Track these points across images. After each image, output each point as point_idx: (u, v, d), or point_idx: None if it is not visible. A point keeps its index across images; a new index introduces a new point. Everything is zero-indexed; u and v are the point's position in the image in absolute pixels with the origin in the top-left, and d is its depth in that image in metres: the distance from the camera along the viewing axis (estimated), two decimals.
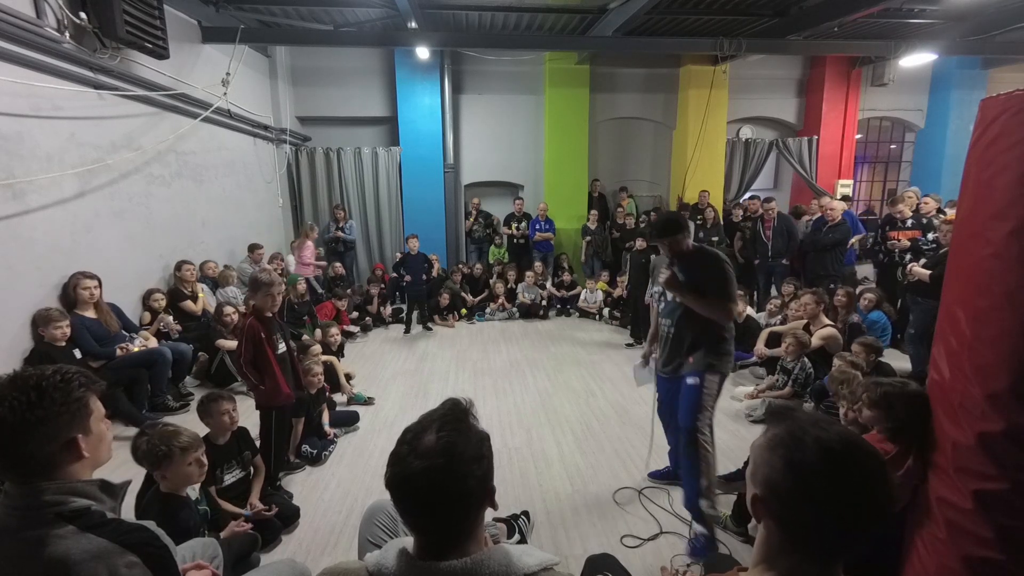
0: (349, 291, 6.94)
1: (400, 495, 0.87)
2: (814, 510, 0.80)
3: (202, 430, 2.49)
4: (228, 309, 4.77)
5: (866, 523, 0.79)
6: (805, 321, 4.48)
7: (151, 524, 1.19)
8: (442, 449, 0.85)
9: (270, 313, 2.97)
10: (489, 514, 0.96)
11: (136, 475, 3.09)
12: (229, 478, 2.63)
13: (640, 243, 5.86)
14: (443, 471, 0.84)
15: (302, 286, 6.04)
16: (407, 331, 6.55)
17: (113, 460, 3.44)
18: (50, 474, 1.07)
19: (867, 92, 9.04)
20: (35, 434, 1.04)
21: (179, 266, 4.98)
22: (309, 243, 7.09)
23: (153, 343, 4.26)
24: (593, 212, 8.01)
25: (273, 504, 2.64)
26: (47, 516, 1.04)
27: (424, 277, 6.57)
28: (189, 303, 4.93)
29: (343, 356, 5.22)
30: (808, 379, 4.00)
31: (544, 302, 7.41)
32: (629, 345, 5.96)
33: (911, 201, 5.54)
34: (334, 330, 5.18)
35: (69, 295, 3.86)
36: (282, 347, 3.05)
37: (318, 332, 5.61)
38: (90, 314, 3.89)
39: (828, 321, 4.40)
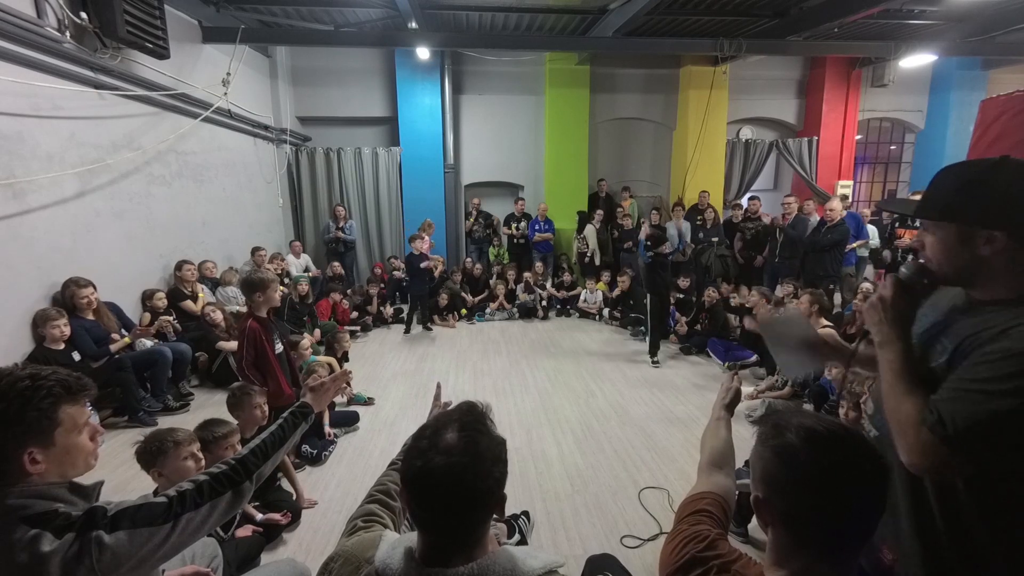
0: (349, 291, 6.94)
1: (418, 490, 0.85)
2: (809, 496, 0.80)
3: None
4: (208, 308, 4.78)
5: (859, 504, 0.79)
6: None
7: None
8: (465, 447, 0.85)
9: (266, 313, 2.98)
10: None
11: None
12: None
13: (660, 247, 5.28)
14: (465, 469, 0.84)
15: (304, 286, 6.04)
16: (407, 331, 6.55)
17: (113, 460, 3.44)
18: (7, 480, 1.04)
19: (867, 93, 9.04)
20: None
21: (179, 266, 4.98)
22: (426, 237, 7.27)
23: (148, 343, 4.26)
24: (599, 212, 8.01)
25: (286, 510, 2.66)
26: (12, 521, 1.00)
27: (427, 277, 6.58)
28: (189, 303, 4.93)
29: (347, 360, 5.21)
30: (808, 379, 4.00)
31: (544, 302, 7.41)
32: (656, 363, 5.26)
33: None
34: (346, 336, 5.18)
35: (67, 303, 3.80)
36: (279, 347, 3.06)
37: (316, 332, 5.61)
38: (88, 316, 3.89)
39: (827, 321, 4.39)
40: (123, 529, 1.03)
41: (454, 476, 0.83)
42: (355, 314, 6.71)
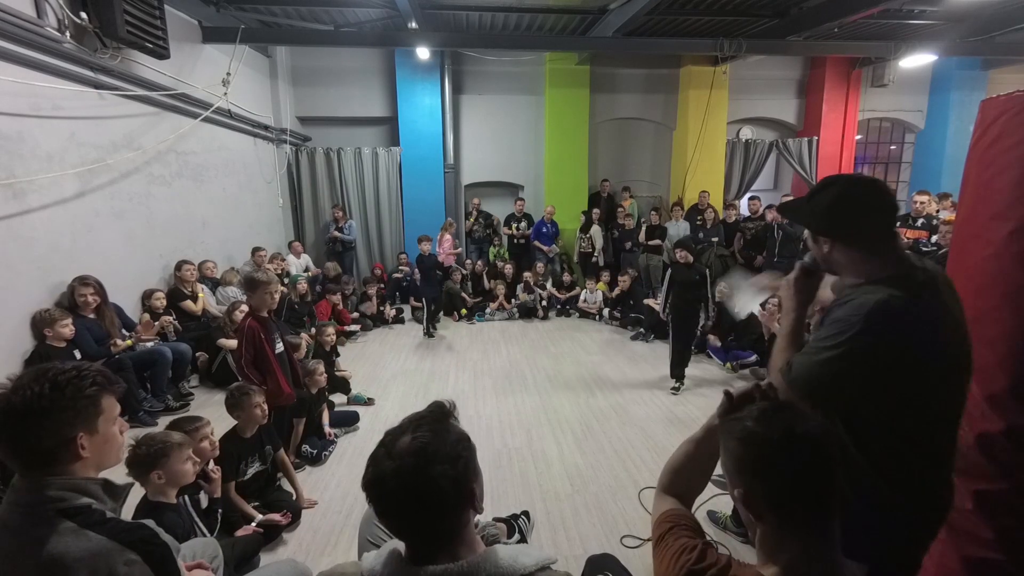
0: (347, 278, 6.96)
1: (373, 496, 0.86)
2: (777, 465, 0.86)
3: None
4: (244, 308, 4.73)
5: (815, 457, 0.86)
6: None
7: (150, 522, 1.18)
8: (415, 450, 0.85)
9: (266, 312, 2.98)
10: (489, 514, 0.95)
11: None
12: (250, 471, 2.70)
13: (681, 255, 4.56)
14: (413, 472, 0.83)
15: (303, 286, 6.04)
16: (428, 334, 6.42)
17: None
18: (52, 469, 1.08)
19: (867, 93, 9.04)
20: (36, 427, 1.05)
21: (179, 266, 4.98)
22: (448, 236, 7.34)
23: (149, 344, 4.26)
24: (596, 211, 8.01)
25: (286, 510, 2.67)
26: (49, 512, 1.04)
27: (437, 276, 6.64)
28: (189, 303, 4.93)
29: (337, 356, 5.20)
30: None
31: (544, 302, 7.41)
32: (675, 390, 4.59)
33: (929, 199, 5.42)
34: (330, 330, 5.15)
35: (68, 302, 3.82)
36: (280, 346, 3.06)
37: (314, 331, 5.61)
38: (90, 315, 3.89)
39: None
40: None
41: (401, 480, 0.83)
42: (355, 314, 6.71)
